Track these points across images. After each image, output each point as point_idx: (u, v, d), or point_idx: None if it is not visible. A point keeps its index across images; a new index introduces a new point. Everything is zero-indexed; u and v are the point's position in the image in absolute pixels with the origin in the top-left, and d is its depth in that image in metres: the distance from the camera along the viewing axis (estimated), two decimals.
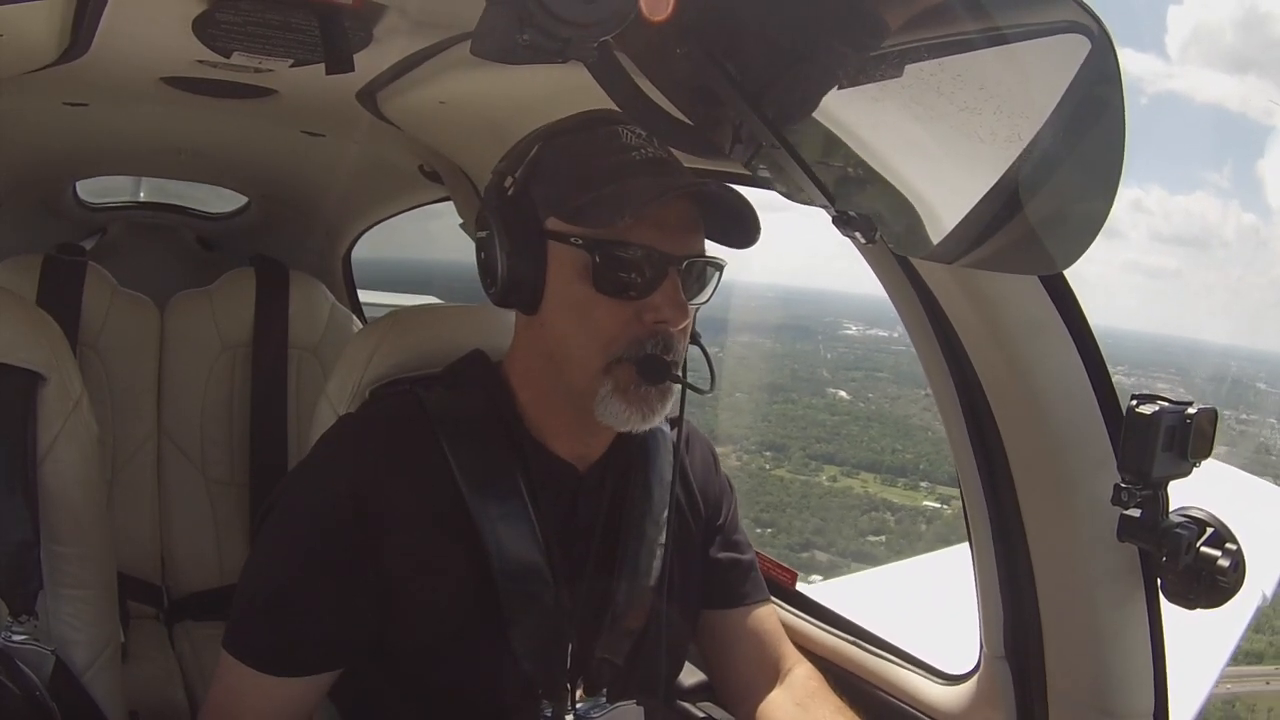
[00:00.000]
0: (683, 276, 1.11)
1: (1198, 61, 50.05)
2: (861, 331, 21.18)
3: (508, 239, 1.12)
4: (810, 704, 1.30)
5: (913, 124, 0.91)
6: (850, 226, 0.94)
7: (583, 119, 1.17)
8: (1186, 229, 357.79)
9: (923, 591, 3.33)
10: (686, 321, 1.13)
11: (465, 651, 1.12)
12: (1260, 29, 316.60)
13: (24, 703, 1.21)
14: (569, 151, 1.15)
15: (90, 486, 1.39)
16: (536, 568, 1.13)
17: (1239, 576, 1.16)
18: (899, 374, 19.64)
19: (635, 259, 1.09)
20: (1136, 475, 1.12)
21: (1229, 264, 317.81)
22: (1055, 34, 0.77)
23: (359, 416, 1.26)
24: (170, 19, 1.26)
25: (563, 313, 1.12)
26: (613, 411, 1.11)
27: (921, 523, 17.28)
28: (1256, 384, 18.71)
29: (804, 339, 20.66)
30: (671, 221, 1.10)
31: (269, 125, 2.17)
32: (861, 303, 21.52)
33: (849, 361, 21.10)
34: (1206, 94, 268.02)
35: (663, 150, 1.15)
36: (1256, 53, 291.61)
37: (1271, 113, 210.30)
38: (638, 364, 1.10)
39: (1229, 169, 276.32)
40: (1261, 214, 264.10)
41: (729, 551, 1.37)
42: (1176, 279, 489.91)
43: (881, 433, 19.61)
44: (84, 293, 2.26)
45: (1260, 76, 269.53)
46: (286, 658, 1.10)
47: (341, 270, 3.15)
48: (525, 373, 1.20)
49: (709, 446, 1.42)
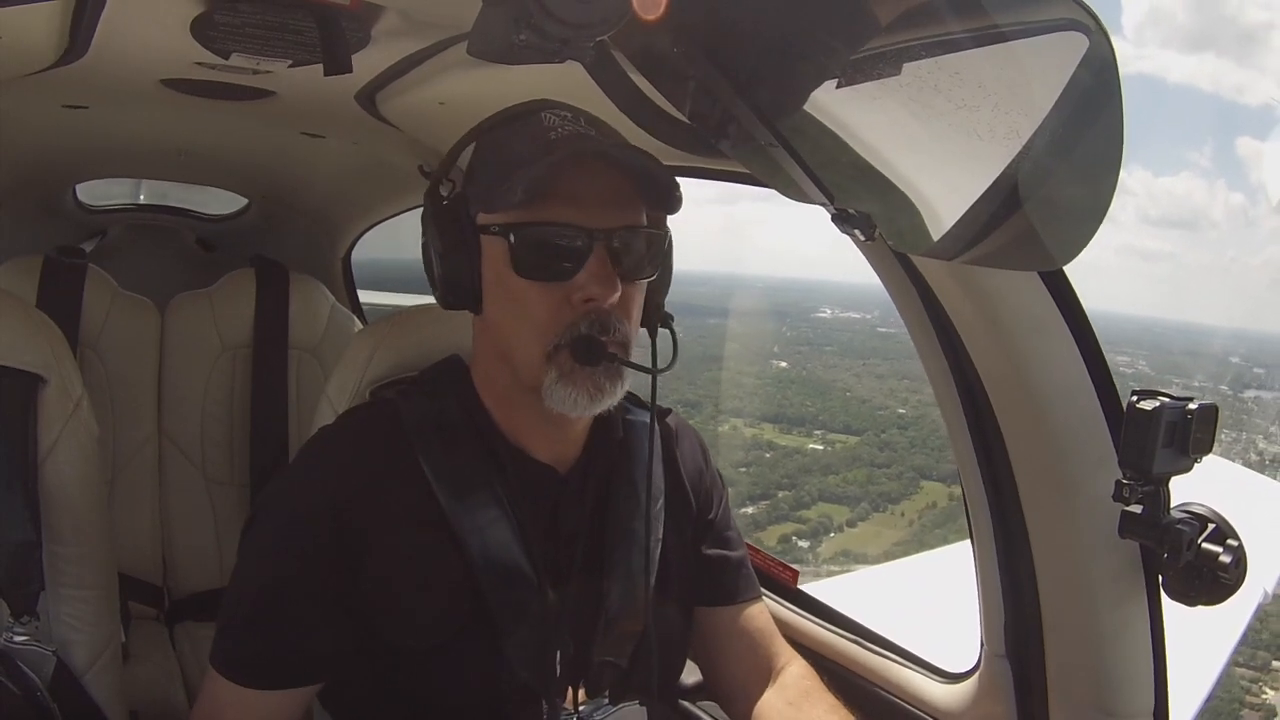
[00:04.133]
0: (614, 252, 1.07)
1: (1155, 43, 49.85)
2: (834, 314, 22.83)
3: (439, 240, 1.11)
4: (803, 703, 1.29)
5: (912, 121, 0.91)
6: (849, 223, 0.94)
7: (510, 111, 1.16)
8: (1174, 211, 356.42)
9: (921, 592, 3.33)
10: (616, 295, 1.07)
11: (459, 659, 1.12)
12: (1212, 8, 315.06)
13: (24, 703, 1.21)
14: (493, 145, 1.14)
15: (91, 487, 1.39)
16: (522, 573, 1.12)
17: (1240, 573, 1.16)
18: (848, 348, 21.76)
19: (553, 236, 1.06)
20: (1137, 471, 1.12)
21: (1221, 245, 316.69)
22: (1052, 31, 0.77)
23: (335, 428, 1.24)
24: (168, 21, 1.26)
25: (500, 306, 1.11)
26: (560, 398, 1.08)
27: (797, 458, 18.85)
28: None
29: (774, 321, 21.75)
30: (591, 195, 1.06)
31: (268, 127, 2.17)
32: (846, 289, 23.66)
33: (805, 339, 22.55)
34: (1177, 75, 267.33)
35: (588, 127, 1.12)
36: (1211, 31, 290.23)
37: (1244, 90, 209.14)
38: (572, 347, 1.07)
39: (1209, 149, 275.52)
40: (1248, 193, 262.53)
41: (720, 548, 1.35)
42: (1171, 261, 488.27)
43: (798, 392, 20.73)
44: (84, 295, 2.26)
45: (1219, 55, 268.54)
46: (266, 672, 1.10)
47: (341, 271, 3.15)
48: (486, 375, 1.19)
49: (699, 439, 1.41)
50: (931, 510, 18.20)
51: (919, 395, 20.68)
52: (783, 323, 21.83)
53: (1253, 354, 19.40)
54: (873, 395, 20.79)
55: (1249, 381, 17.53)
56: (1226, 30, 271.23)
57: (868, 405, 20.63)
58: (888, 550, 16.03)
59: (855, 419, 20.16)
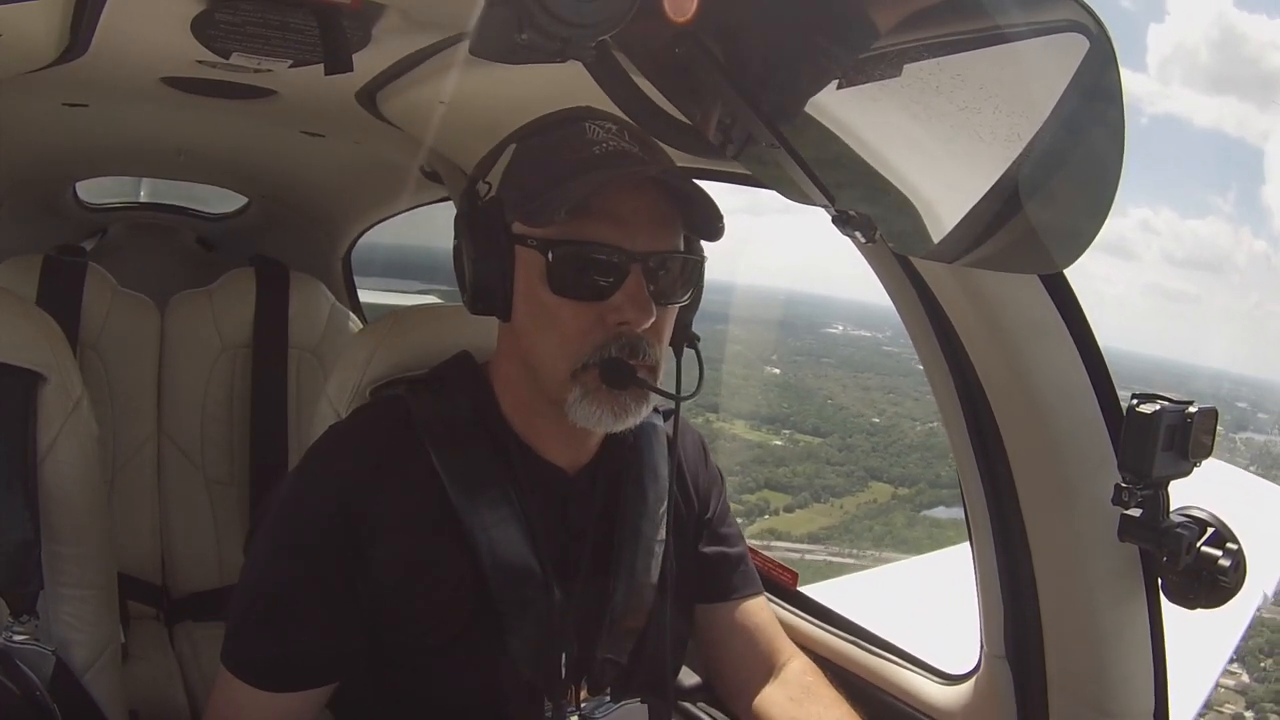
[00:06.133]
0: (650, 274, 1.06)
1: (1178, 81, 49.55)
2: (845, 331, 24.20)
3: (473, 245, 1.10)
4: (805, 698, 1.29)
5: (913, 123, 0.91)
6: (850, 225, 0.94)
7: (553, 117, 1.15)
8: (1199, 253, 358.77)
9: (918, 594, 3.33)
10: (650, 320, 1.06)
11: (463, 657, 1.12)
12: (1234, 48, 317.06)
13: (24, 703, 1.21)
14: (535, 152, 1.13)
15: (90, 486, 1.39)
16: (530, 571, 1.12)
17: (1240, 576, 1.16)
18: (847, 361, 23.17)
19: (591, 256, 1.05)
20: (1137, 475, 1.12)
21: (1246, 289, 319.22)
22: (1054, 33, 0.77)
23: (346, 426, 1.24)
24: (169, 19, 1.26)
25: (530, 319, 1.10)
26: (584, 414, 1.09)
27: (756, 450, 20.02)
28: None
29: (779, 331, 22.88)
30: (633, 216, 1.06)
31: (268, 126, 2.17)
32: (865, 308, 24.72)
33: (806, 350, 23.67)
34: (1204, 117, 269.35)
35: (632, 142, 1.10)
36: (1232, 72, 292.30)
37: (1269, 137, 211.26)
38: (601, 368, 1.07)
39: (1233, 194, 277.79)
40: (1271, 240, 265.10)
41: (718, 545, 1.36)
42: (1195, 303, 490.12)
43: (780, 396, 21.79)
44: (84, 293, 2.26)
45: (1241, 99, 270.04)
46: (281, 673, 1.10)
47: (341, 270, 3.15)
48: (506, 378, 1.19)
49: (699, 437, 1.41)
50: (870, 505, 19.89)
51: (898, 408, 22.89)
52: (790, 333, 23.12)
53: (1261, 399, 20.34)
54: (853, 404, 22.29)
55: (1245, 424, 18.22)
56: (1247, 72, 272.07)
57: (844, 412, 22.14)
58: (812, 533, 17.98)
59: (826, 423, 21.91)
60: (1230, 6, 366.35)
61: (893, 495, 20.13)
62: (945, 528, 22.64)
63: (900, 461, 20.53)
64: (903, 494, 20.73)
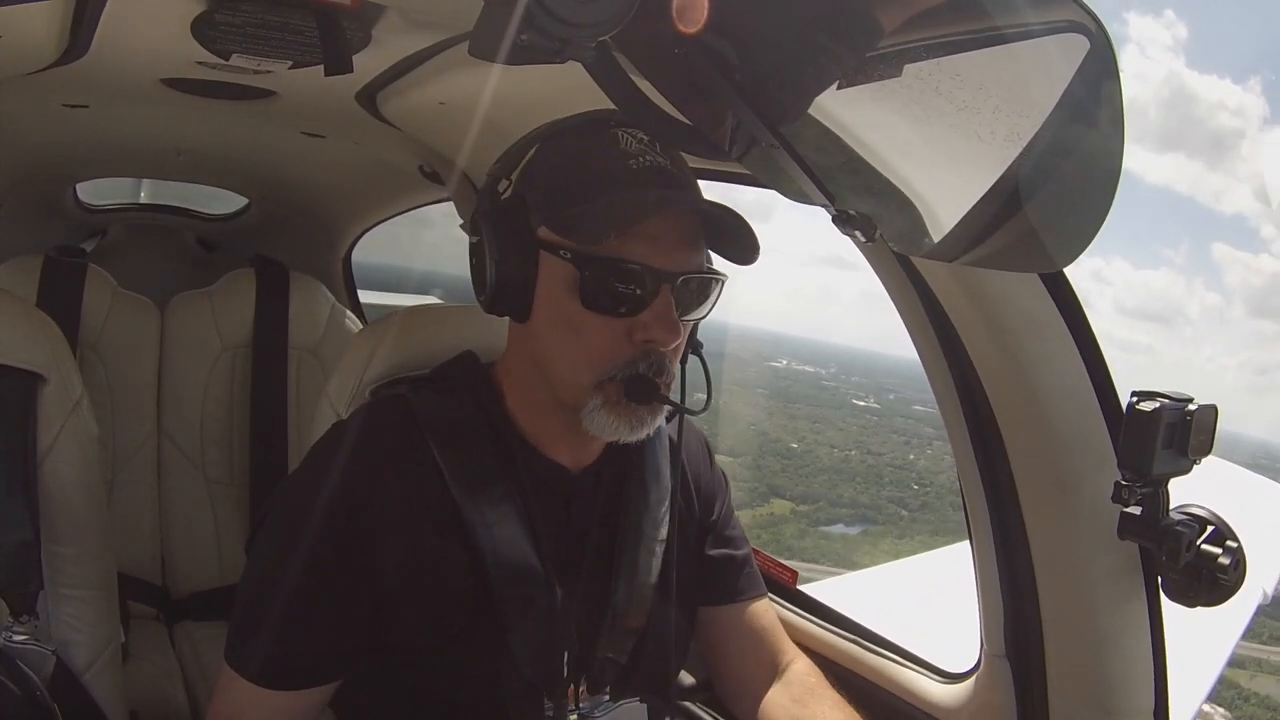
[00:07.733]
0: (678, 293, 1.07)
1: (1129, 138, 50.47)
2: (788, 365, 26.83)
3: (497, 246, 1.09)
4: (809, 700, 1.30)
5: (912, 123, 0.91)
6: (850, 225, 0.94)
7: (583, 120, 1.14)
8: (1150, 303, 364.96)
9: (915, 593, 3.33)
10: (678, 340, 1.09)
11: (464, 655, 1.12)
12: (1184, 108, 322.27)
13: (24, 703, 1.21)
14: (565, 156, 1.12)
15: (90, 487, 1.39)
16: (532, 570, 1.12)
17: (1240, 574, 1.16)
18: (781, 393, 26.31)
19: (626, 276, 1.05)
20: (1136, 472, 1.12)
21: (1197, 342, 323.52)
22: (1054, 33, 0.77)
23: (348, 424, 1.23)
24: (169, 20, 1.26)
25: (552, 326, 1.10)
26: (600, 423, 1.09)
27: None
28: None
29: (731, 364, 24.30)
30: (667, 236, 1.06)
31: (268, 126, 2.17)
32: (813, 345, 28.14)
33: (744, 381, 25.38)
34: (1155, 175, 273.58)
35: (665, 157, 1.10)
36: (1182, 131, 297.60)
37: (1220, 197, 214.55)
38: (626, 383, 1.07)
39: (1184, 248, 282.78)
40: (1223, 294, 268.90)
41: (723, 547, 1.36)
42: (1148, 354, 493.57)
43: (702, 420, 24.62)
44: (84, 294, 2.26)
45: (1189, 157, 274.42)
46: (285, 672, 1.10)
47: (342, 271, 3.15)
48: (516, 379, 1.19)
49: (703, 439, 1.41)
50: (767, 517, 21.93)
51: (819, 435, 24.20)
52: (735, 365, 25.13)
53: (1226, 453, 21.10)
54: (775, 431, 23.74)
55: None
56: (1196, 132, 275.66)
57: (764, 438, 23.57)
58: None
59: (741, 444, 23.43)
60: (1182, 66, 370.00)
61: (791, 511, 21.86)
62: (834, 540, 24.12)
63: (807, 482, 22.52)
64: (802, 510, 22.25)
